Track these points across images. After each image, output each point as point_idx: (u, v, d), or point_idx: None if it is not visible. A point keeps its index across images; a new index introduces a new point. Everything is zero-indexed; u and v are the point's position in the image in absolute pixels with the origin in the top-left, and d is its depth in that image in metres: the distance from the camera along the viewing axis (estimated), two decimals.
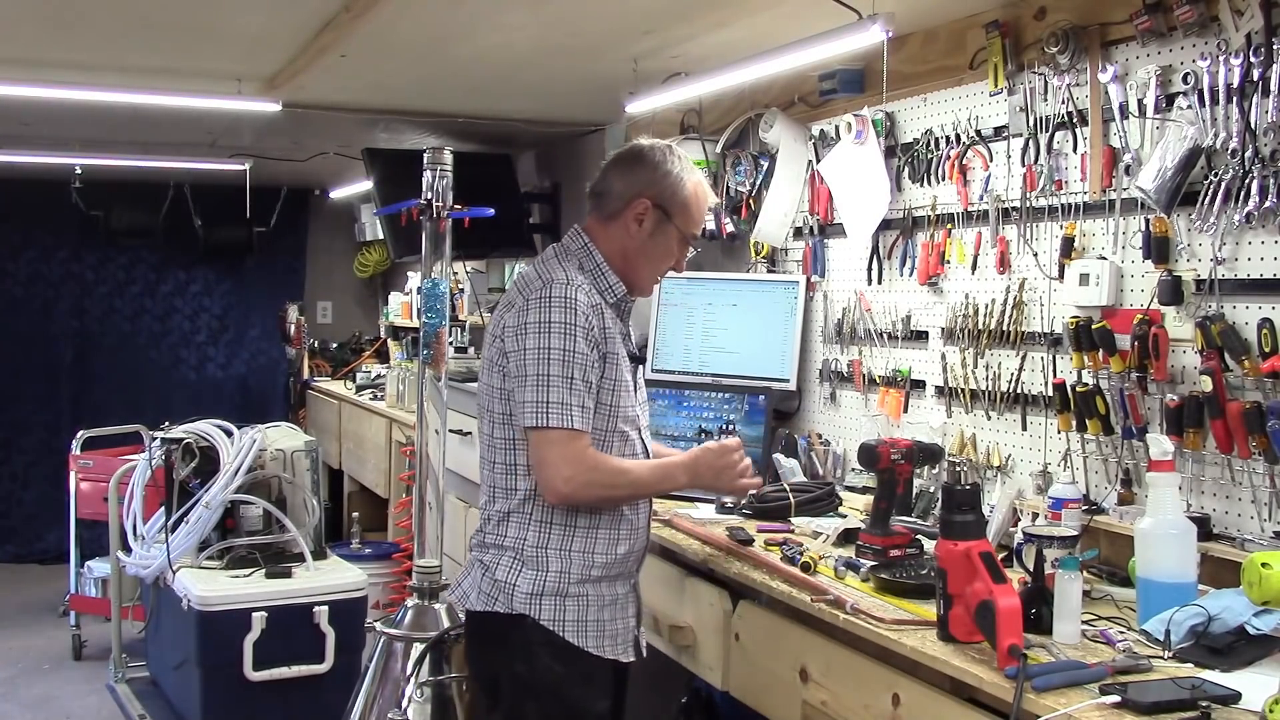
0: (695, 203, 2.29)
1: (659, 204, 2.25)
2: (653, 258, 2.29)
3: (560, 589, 2.19)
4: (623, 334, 2.28)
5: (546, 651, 2.18)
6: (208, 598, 3.71)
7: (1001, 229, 2.87)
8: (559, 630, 2.18)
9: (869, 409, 3.34)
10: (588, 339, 2.13)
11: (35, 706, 4.59)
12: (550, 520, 2.20)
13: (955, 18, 2.98)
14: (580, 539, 2.21)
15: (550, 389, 2.10)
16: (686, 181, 2.27)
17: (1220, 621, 1.85)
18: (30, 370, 7.10)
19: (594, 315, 2.15)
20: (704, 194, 2.30)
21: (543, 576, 2.19)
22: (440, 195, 3.33)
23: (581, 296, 2.15)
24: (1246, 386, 2.24)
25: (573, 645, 2.18)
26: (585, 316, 2.13)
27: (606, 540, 2.23)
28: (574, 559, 2.20)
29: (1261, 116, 2.18)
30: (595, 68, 3.75)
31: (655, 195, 2.25)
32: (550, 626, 2.18)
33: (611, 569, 2.24)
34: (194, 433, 4.14)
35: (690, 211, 2.28)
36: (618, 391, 2.21)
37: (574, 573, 2.19)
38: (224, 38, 3.51)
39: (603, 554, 2.22)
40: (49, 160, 5.77)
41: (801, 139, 3.61)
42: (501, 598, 2.20)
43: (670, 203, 2.26)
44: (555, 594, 2.18)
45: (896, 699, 1.99)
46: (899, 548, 2.41)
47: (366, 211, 7.21)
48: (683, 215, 2.27)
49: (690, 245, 2.35)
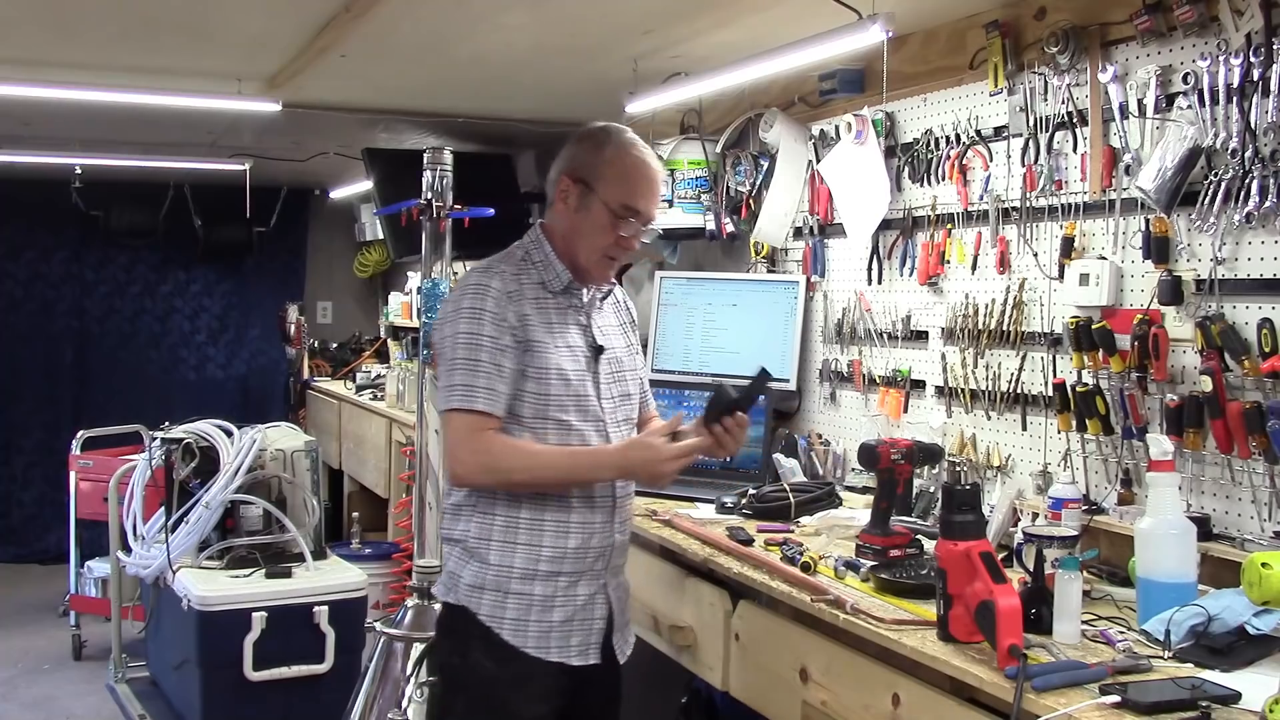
0: (617, 171, 2.18)
1: (579, 178, 2.19)
2: (585, 234, 2.19)
3: (501, 584, 2.14)
4: (579, 325, 2.23)
5: (480, 647, 2.15)
6: (208, 598, 3.71)
7: (1001, 229, 2.87)
8: (496, 628, 2.14)
9: (869, 409, 3.34)
10: (497, 323, 2.10)
11: (35, 706, 4.59)
12: (493, 511, 2.16)
13: (955, 18, 2.98)
14: (525, 532, 2.15)
15: (454, 372, 2.10)
16: (606, 151, 2.19)
17: (1220, 621, 1.85)
18: (30, 370, 7.10)
19: (509, 301, 2.12)
20: (632, 163, 2.19)
21: (484, 570, 2.15)
22: (440, 195, 3.33)
23: (495, 283, 2.13)
24: (1246, 386, 2.24)
25: (509, 644, 2.13)
26: (495, 301, 2.11)
27: (554, 533, 2.16)
28: (518, 553, 2.15)
29: (1261, 116, 2.17)
30: (595, 68, 3.75)
31: (573, 170, 2.20)
32: (488, 623, 2.14)
33: (561, 565, 2.16)
34: (194, 433, 4.14)
35: (611, 180, 2.17)
36: (546, 380, 2.14)
37: (517, 567, 2.14)
38: (224, 38, 3.51)
39: (550, 548, 2.15)
40: (49, 160, 5.77)
41: (801, 139, 3.61)
42: (452, 587, 2.19)
43: (590, 174, 2.18)
44: (496, 589, 2.14)
45: (896, 699, 1.99)
46: (899, 548, 2.41)
47: (366, 211, 7.21)
48: (604, 184, 2.17)
49: (628, 218, 2.18)
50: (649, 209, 2.21)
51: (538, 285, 2.19)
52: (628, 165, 2.19)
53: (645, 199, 2.20)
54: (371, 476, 5.69)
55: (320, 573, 3.96)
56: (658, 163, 2.26)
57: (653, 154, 2.26)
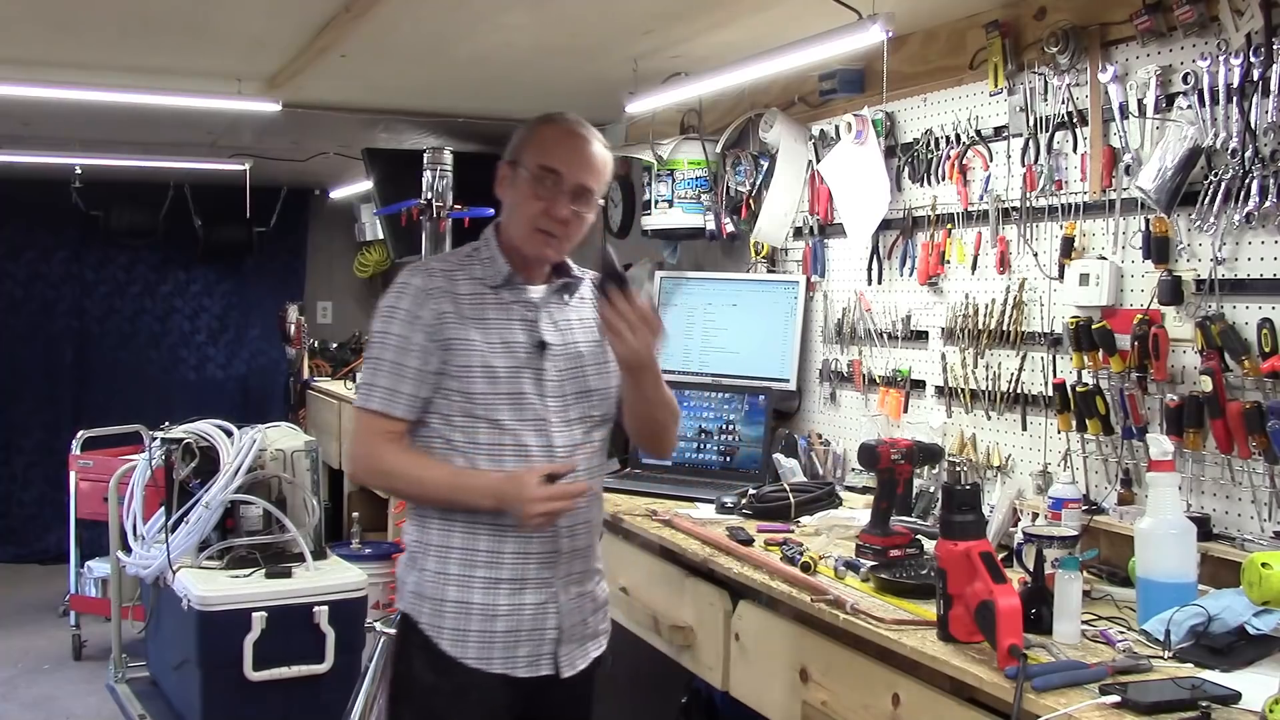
0: (538, 139, 2.12)
1: (510, 159, 2.15)
2: (514, 208, 2.13)
3: (439, 593, 2.09)
4: (525, 319, 2.12)
5: (421, 657, 2.10)
6: (208, 598, 3.71)
7: (1001, 229, 2.87)
8: (435, 638, 2.08)
9: (869, 409, 3.34)
10: (408, 321, 2.06)
11: (35, 706, 4.59)
12: (429, 514, 2.12)
13: (955, 18, 2.98)
14: (460, 536, 2.09)
15: (364, 370, 2.11)
16: (532, 128, 2.15)
17: (1220, 621, 1.85)
18: (30, 370, 7.09)
19: (428, 299, 2.07)
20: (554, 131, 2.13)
21: (421, 576, 2.11)
22: (440, 195, 3.34)
23: (416, 280, 2.09)
24: (1246, 386, 2.24)
25: (448, 655, 2.07)
26: (411, 299, 2.07)
27: (489, 538, 2.08)
28: (452, 559, 2.09)
29: (1261, 116, 2.17)
30: (595, 68, 3.75)
31: (507, 153, 2.16)
32: (428, 632, 2.09)
33: (499, 571, 2.08)
34: (194, 433, 4.14)
35: (532, 149, 2.11)
36: (470, 378, 2.06)
37: (453, 574, 2.08)
38: (224, 38, 3.51)
39: (486, 553, 2.08)
40: (49, 160, 5.77)
41: (801, 139, 3.61)
42: (400, 595, 2.17)
43: (517, 153, 2.14)
44: (434, 597, 2.09)
45: (896, 699, 1.99)
46: (899, 548, 2.41)
47: (366, 211, 7.21)
48: (526, 154, 2.11)
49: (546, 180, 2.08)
50: (570, 170, 2.09)
51: (476, 280, 2.12)
52: (549, 133, 2.14)
53: (564, 160, 2.09)
54: None
55: (320, 573, 3.96)
56: (590, 134, 2.14)
57: (588, 129, 2.15)
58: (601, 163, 2.14)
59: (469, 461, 2.09)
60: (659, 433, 2.25)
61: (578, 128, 2.14)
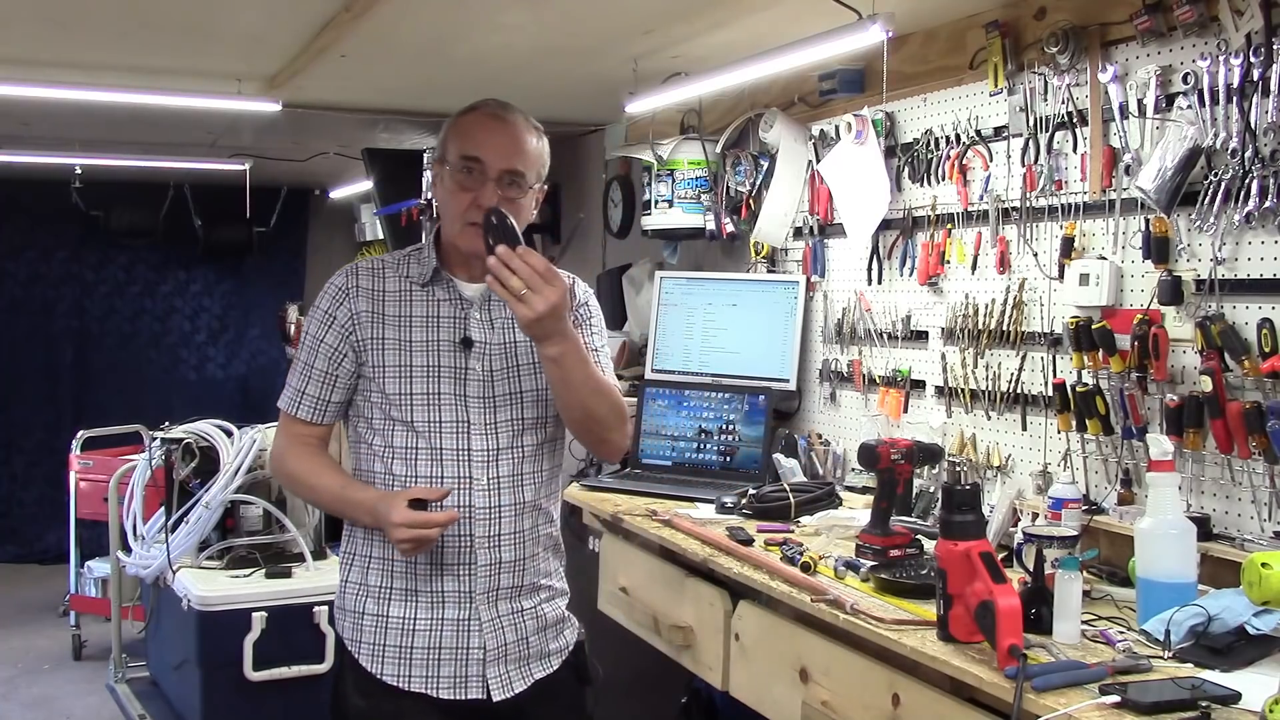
0: (456, 130, 2.04)
1: (438, 155, 2.08)
2: (444, 205, 2.06)
3: (357, 604, 2.04)
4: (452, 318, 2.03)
5: (351, 677, 2.04)
6: (208, 598, 3.71)
7: (1001, 229, 2.87)
8: (355, 652, 2.03)
9: (869, 409, 3.34)
10: (324, 322, 2.05)
11: (35, 706, 4.60)
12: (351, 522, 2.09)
13: (955, 18, 2.98)
14: (378, 545, 2.02)
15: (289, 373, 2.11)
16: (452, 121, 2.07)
17: (1220, 621, 1.85)
18: (30, 370, 7.11)
19: (345, 298, 2.04)
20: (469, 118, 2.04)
21: (344, 589, 2.06)
22: None
23: (339, 280, 2.08)
24: (1246, 386, 2.24)
25: (370, 674, 2.00)
26: (330, 300, 2.06)
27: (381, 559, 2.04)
28: (371, 568, 2.04)
29: (1261, 116, 2.17)
30: (595, 68, 3.75)
31: (436, 150, 2.11)
32: (350, 647, 2.04)
33: (417, 582, 2.00)
34: (194, 433, 4.14)
35: (452, 137, 2.04)
36: (381, 378, 2.00)
37: (371, 585, 2.03)
38: (224, 38, 3.51)
39: (403, 562, 2.00)
40: (49, 160, 5.78)
41: (801, 139, 3.61)
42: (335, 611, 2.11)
43: (442, 144, 2.07)
44: (354, 610, 2.04)
45: (896, 699, 1.99)
46: (899, 548, 2.40)
47: (366, 211, 7.21)
48: (449, 144, 2.04)
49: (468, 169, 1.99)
50: (493, 157, 1.98)
51: (403, 279, 2.07)
52: (468, 121, 2.05)
53: (484, 146, 1.99)
54: None
55: (320, 573, 3.96)
56: (513, 117, 2.04)
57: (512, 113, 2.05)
58: (529, 145, 2.03)
59: (385, 465, 2.03)
60: (596, 429, 2.06)
61: (500, 111, 2.04)
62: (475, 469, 2.01)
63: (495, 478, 2.02)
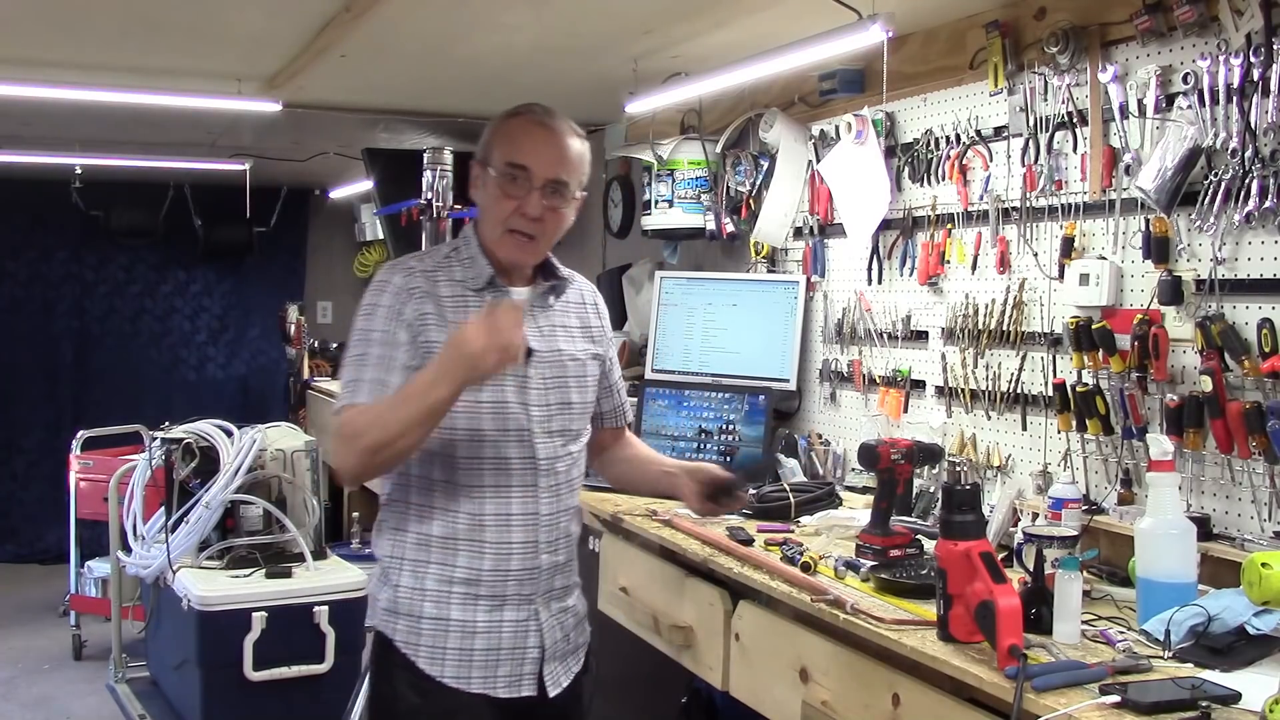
0: (502, 135, 2.04)
1: (480, 158, 2.06)
2: (486, 210, 2.05)
3: (414, 609, 2.01)
4: None
5: (404, 677, 2.01)
6: (208, 598, 3.71)
7: (1001, 229, 2.87)
8: (413, 656, 2.00)
9: (869, 409, 3.34)
10: (390, 318, 1.97)
11: (35, 706, 4.60)
12: (405, 529, 2.03)
13: (955, 18, 2.98)
14: (438, 551, 2.00)
15: (345, 370, 1.98)
16: (496, 125, 2.07)
17: (1220, 621, 1.85)
18: (30, 370, 7.10)
19: (409, 298, 1.98)
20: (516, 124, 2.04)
21: (397, 593, 2.03)
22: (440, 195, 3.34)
23: (396, 278, 2.00)
24: (1246, 386, 2.24)
25: (427, 674, 1.99)
26: (392, 296, 1.98)
27: (468, 554, 2.00)
28: (430, 574, 2.00)
29: (1261, 116, 2.17)
30: (595, 68, 3.75)
31: (478, 152, 2.08)
32: (405, 650, 2.01)
33: (477, 588, 2.00)
34: (194, 433, 4.14)
35: (497, 146, 2.03)
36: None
37: (430, 590, 2.00)
38: (224, 38, 3.51)
39: (464, 568, 1.99)
40: (49, 160, 5.78)
41: (801, 139, 3.61)
42: (372, 613, 2.08)
43: (485, 148, 2.06)
44: (409, 614, 2.01)
45: (896, 699, 1.99)
46: (899, 548, 2.40)
47: (366, 211, 7.21)
48: (493, 152, 2.03)
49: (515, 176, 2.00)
50: (539, 165, 1.99)
51: (457, 283, 2.03)
52: (515, 126, 2.04)
53: (531, 154, 1.99)
54: None
55: (320, 573, 3.96)
56: (560, 125, 2.04)
57: (557, 120, 2.05)
58: (574, 154, 2.04)
59: (448, 474, 2.00)
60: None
61: (546, 119, 2.04)
62: (541, 477, 2.03)
63: (554, 485, 2.05)
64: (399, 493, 2.05)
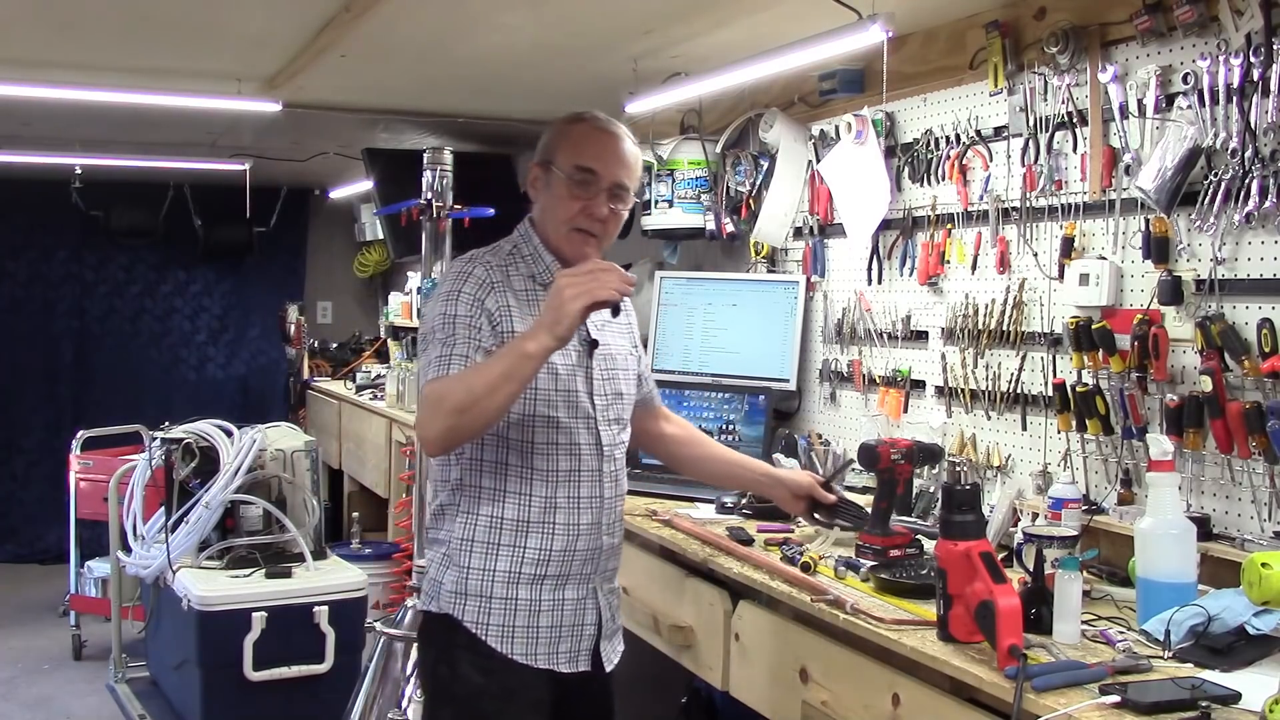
0: (570, 139, 2.14)
1: (542, 160, 2.16)
2: (551, 210, 2.15)
3: (485, 589, 2.07)
4: None
5: (467, 657, 2.07)
6: (208, 598, 3.71)
7: (1001, 229, 2.87)
8: (482, 634, 2.06)
9: (869, 409, 3.34)
10: (473, 305, 2.03)
11: (35, 706, 4.60)
12: (476, 512, 2.09)
13: (955, 18, 2.98)
14: (509, 533, 2.08)
15: (429, 350, 2.02)
16: (563, 128, 2.16)
17: (1220, 621, 1.85)
18: (30, 370, 7.10)
19: (491, 289, 2.05)
20: (584, 129, 2.15)
21: (465, 575, 2.08)
22: (440, 195, 3.33)
23: (478, 270, 2.07)
24: (1246, 386, 2.24)
25: (496, 652, 2.06)
26: (475, 285, 2.05)
27: (538, 535, 2.08)
28: (500, 555, 2.07)
29: (1261, 116, 2.17)
30: (595, 68, 3.75)
31: (538, 156, 2.17)
32: (474, 630, 2.06)
33: (546, 568, 2.09)
34: (194, 433, 4.14)
35: (565, 149, 2.13)
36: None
37: (500, 570, 2.07)
38: (224, 38, 3.51)
39: (535, 549, 2.08)
40: (49, 160, 5.77)
41: (801, 139, 3.61)
42: (433, 594, 2.12)
43: (549, 153, 2.15)
44: (480, 595, 2.07)
45: (896, 699, 1.99)
46: (899, 548, 2.41)
47: (366, 211, 7.21)
48: (560, 155, 2.13)
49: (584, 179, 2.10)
50: (606, 169, 2.11)
51: (527, 278, 2.13)
52: (580, 131, 2.15)
53: (599, 159, 2.11)
54: (371, 476, 5.69)
55: (320, 573, 3.96)
56: (621, 131, 2.18)
57: (618, 126, 2.18)
58: (634, 159, 2.18)
59: (523, 459, 2.08)
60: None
61: (609, 126, 2.17)
62: (605, 463, 2.16)
63: (614, 471, 2.19)
64: (470, 477, 2.11)
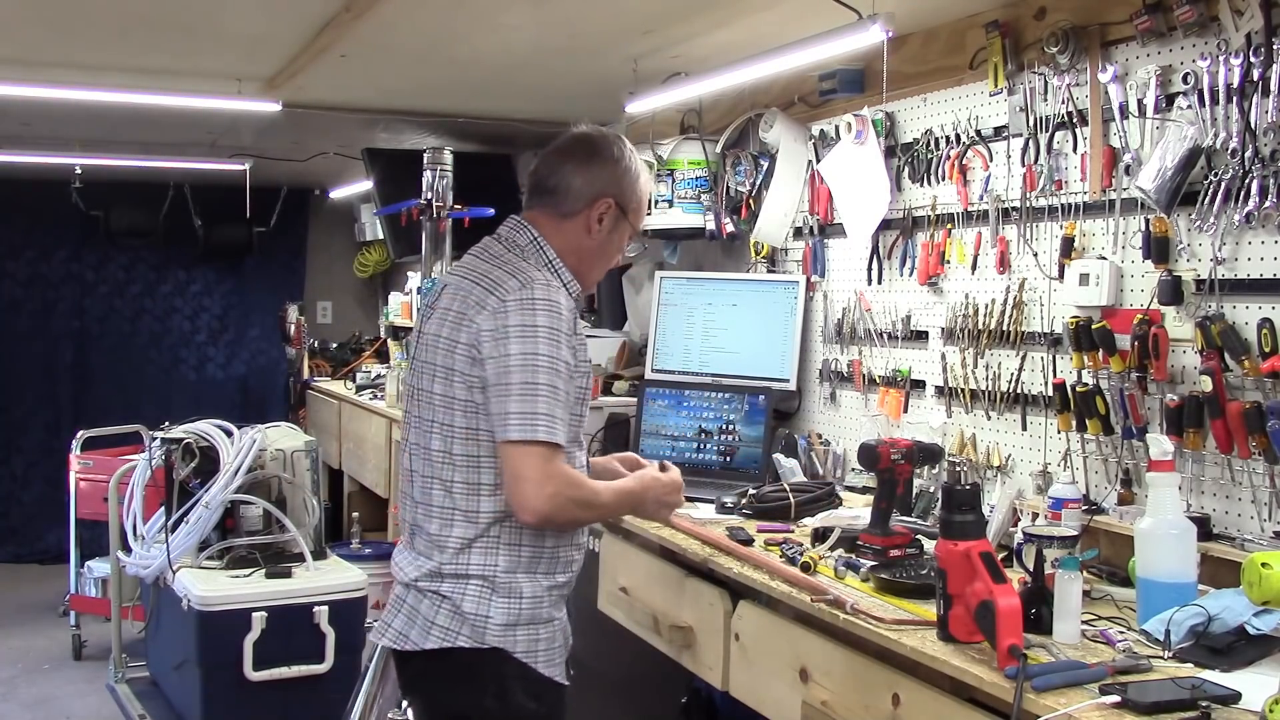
0: (640, 199, 2.20)
1: (620, 203, 2.14)
2: (607, 255, 2.19)
3: (536, 617, 2.06)
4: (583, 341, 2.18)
5: (520, 686, 2.04)
6: (208, 598, 3.71)
7: (1001, 229, 2.87)
8: (533, 662, 2.05)
9: (869, 409, 3.34)
10: (570, 346, 2.00)
11: (35, 706, 4.60)
12: (520, 543, 2.05)
13: (955, 18, 2.98)
14: (547, 562, 2.09)
15: (538, 399, 1.93)
16: (641, 176, 2.18)
17: (1220, 621, 1.85)
18: (30, 370, 7.10)
19: (572, 318, 2.04)
20: (651, 187, 2.29)
21: (518, 605, 2.04)
22: (440, 195, 3.34)
23: (564, 300, 2.03)
24: (1246, 386, 2.24)
25: (544, 677, 2.06)
26: (568, 322, 2.01)
27: (565, 561, 2.12)
28: (542, 583, 2.07)
29: (1261, 116, 2.17)
30: (595, 68, 3.75)
31: (618, 194, 2.14)
32: (525, 659, 2.04)
33: (565, 589, 2.14)
34: (194, 433, 4.14)
35: (642, 208, 2.23)
36: (585, 402, 2.12)
37: (545, 598, 2.07)
38: (224, 38, 3.51)
39: (563, 574, 2.12)
40: (49, 160, 5.78)
41: (801, 139, 3.61)
42: (468, 631, 2.02)
43: (629, 201, 2.16)
44: (532, 623, 2.05)
45: (896, 699, 1.99)
46: (899, 548, 2.40)
47: (366, 211, 7.21)
48: (636, 213, 2.20)
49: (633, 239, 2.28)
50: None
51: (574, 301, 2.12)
52: (650, 190, 2.26)
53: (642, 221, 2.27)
54: (371, 476, 5.68)
55: (320, 573, 3.96)
56: None
57: None
58: None
59: None
60: None
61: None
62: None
63: None
64: None
